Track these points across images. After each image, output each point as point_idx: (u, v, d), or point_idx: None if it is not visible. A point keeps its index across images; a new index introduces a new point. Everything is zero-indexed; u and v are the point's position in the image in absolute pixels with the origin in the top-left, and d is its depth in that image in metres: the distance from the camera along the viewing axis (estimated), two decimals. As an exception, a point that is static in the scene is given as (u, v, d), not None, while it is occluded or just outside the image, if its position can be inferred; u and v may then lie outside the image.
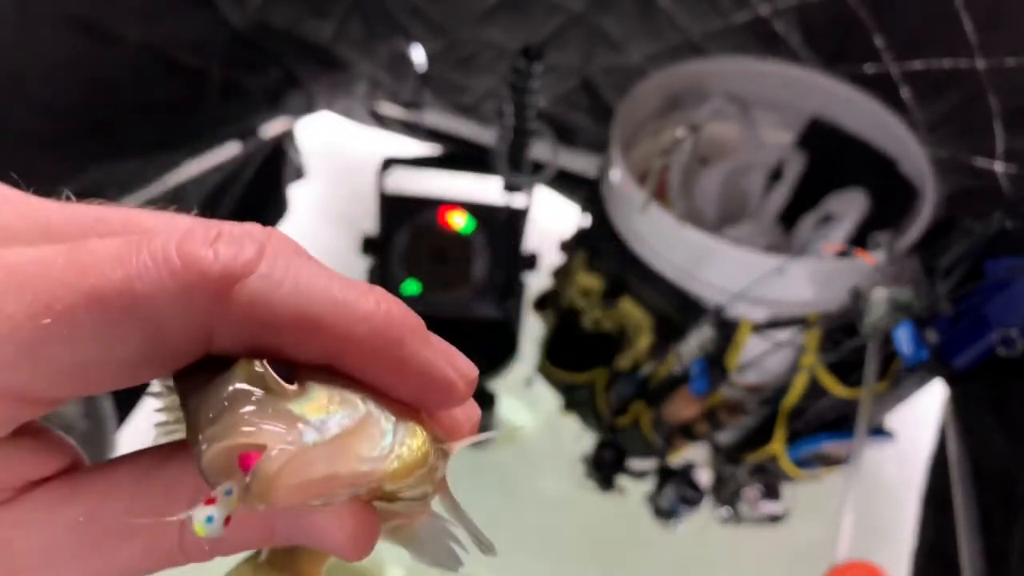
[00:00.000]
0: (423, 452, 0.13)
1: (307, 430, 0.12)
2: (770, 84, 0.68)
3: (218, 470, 0.12)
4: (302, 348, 0.13)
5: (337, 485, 0.12)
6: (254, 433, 0.12)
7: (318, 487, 0.12)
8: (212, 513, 0.11)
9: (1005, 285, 0.55)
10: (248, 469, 0.11)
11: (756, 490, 0.63)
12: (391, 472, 0.13)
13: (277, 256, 0.12)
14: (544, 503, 0.94)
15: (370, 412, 0.13)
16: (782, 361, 0.63)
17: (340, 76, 0.89)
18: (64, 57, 0.68)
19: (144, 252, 0.11)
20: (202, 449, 0.12)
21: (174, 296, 0.11)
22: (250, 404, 0.12)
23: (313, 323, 0.12)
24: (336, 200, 1.37)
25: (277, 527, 0.14)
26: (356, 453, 0.12)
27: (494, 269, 0.86)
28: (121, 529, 0.13)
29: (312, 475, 0.12)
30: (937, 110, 0.64)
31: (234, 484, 0.11)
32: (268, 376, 0.12)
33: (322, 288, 0.13)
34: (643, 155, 0.72)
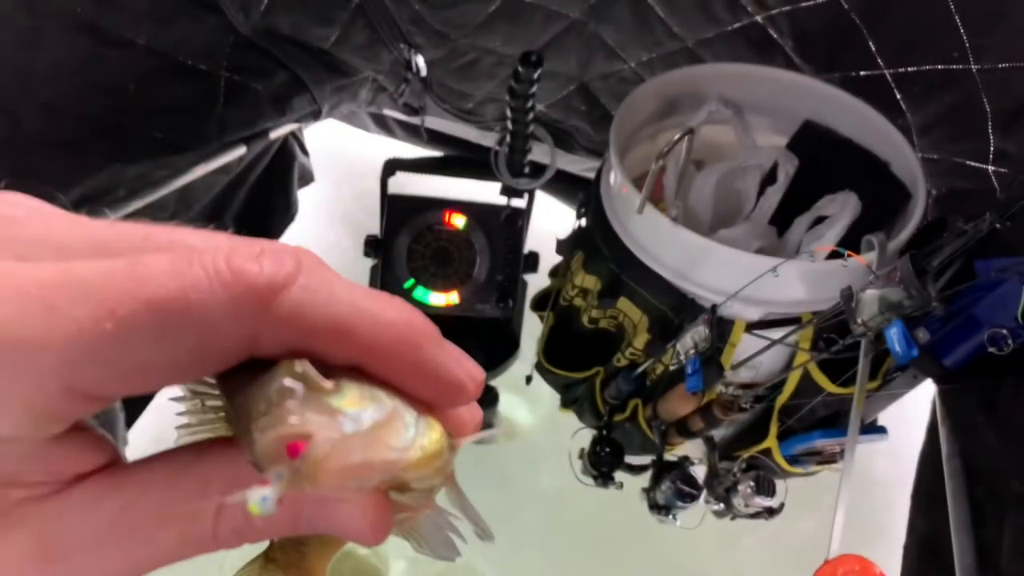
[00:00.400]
0: (440, 444, 0.15)
1: (346, 421, 0.14)
2: (764, 89, 0.69)
3: (269, 457, 0.13)
4: (334, 351, 0.15)
5: (371, 471, 0.14)
6: (302, 424, 0.13)
7: (355, 472, 0.14)
8: (267, 494, 0.13)
9: (995, 285, 0.56)
10: (295, 456, 0.13)
11: (750, 485, 0.64)
12: (414, 461, 0.15)
13: (313, 270, 0.14)
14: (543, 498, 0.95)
15: (396, 408, 0.15)
16: (776, 359, 0.64)
17: (344, 80, 0.90)
18: (72, 60, 0.69)
19: (196, 265, 0.13)
20: (255, 438, 0.13)
21: (224, 304, 0.13)
22: (295, 399, 0.14)
23: (345, 329, 0.14)
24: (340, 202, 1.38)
25: (304, 516, 0.15)
26: (386, 443, 0.14)
27: (494, 269, 0.87)
28: (160, 518, 0.15)
29: (351, 461, 0.14)
30: (929, 112, 0.65)
31: (285, 468, 0.13)
32: (309, 374, 0.14)
33: (352, 298, 0.15)
34: (640, 158, 0.73)
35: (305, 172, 1.16)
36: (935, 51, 0.61)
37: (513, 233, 0.87)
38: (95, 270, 0.13)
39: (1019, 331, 0.52)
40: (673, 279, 0.61)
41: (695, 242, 0.57)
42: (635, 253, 0.63)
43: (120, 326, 0.12)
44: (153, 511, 0.15)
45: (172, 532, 0.15)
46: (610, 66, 0.77)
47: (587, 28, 0.73)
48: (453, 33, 0.76)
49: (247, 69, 0.80)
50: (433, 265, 0.87)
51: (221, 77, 0.78)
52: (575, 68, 0.78)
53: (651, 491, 0.71)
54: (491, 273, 0.87)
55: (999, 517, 0.55)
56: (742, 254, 0.56)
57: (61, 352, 0.12)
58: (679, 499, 0.68)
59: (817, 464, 0.69)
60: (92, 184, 0.71)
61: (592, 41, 0.74)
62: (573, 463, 0.78)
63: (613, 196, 0.65)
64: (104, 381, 0.13)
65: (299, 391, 0.14)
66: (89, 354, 0.12)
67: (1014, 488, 0.54)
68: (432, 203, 0.86)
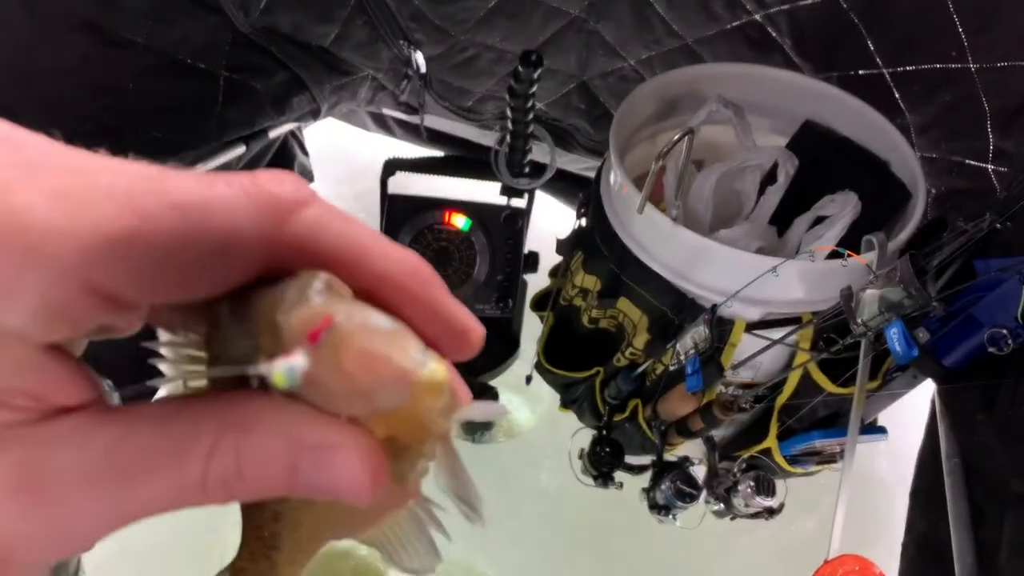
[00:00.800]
0: (446, 378, 0.15)
1: (370, 314, 0.14)
2: (764, 89, 0.69)
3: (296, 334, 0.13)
4: (346, 277, 0.15)
5: (387, 370, 0.14)
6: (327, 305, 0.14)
7: (375, 364, 0.14)
8: (294, 363, 0.13)
9: (995, 285, 0.56)
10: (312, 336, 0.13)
11: (750, 485, 0.64)
12: (424, 382, 0.15)
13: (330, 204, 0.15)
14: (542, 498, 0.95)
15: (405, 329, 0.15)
16: (776, 359, 0.64)
17: (344, 79, 0.90)
18: (72, 60, 0.69)
19: (221, 181, 0.14)
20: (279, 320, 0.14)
21: (247, 211, 0.14)
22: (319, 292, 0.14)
23: (358, 256, 0.15)
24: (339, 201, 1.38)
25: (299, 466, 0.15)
26: (403, 347, 0.15)
27: (494, 269, 0.87)
28: (148, 459, 0.14)
29: (374, 349, 0.14)
30: (929, 112, 0.65)
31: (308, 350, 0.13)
32: (332, 280, 0.14)
33: (366, 231, 0.15)
34: (640, 158, 0.73)
35: (305, 171, 1.16)
36: (934, 50, 0.61)
37: (513, 233, 0.87)
38: (120, 177, 0.13)
39: (1019, 331, 0.52)
40: (673, 279, 0.61)
41: (695, 242, 0.57)
42: (635, 253, 0.63)
43: (147, 223, 0.13)
44: (142, 451, 0.14)
45: (160, 477, 0.14)
46: (610, 64, 0.77)
47: (587, 25, 0.73)
48: (453, 29, 0.76)
49: (246, 68, 0.80)
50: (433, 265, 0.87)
51: (220, 76, 0.78)
52: (575, 66, 0.78)
53: (651, 491, 0.71)
54: (491, 273, 0.87)
55: (998, 516, 0.55)
56: (742, 254, 0.56)
57: (84, 243, 0.12)
58: (679, 499, 0.68)
59: (817, 464, 0.69)
60: (91, 184, 0.71)
61: (592, 38, 0.74)
62: (573, 463, 0.78)
63: (613, 196, 0.65)
64: (125, 281, 0.13)
65: (321, 287, 0.14)
66: (113, 249, 0.13)
67: (1013, 487, 0.55)
68: (432, 203, 0.86)
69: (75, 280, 0.13)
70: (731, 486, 0.66)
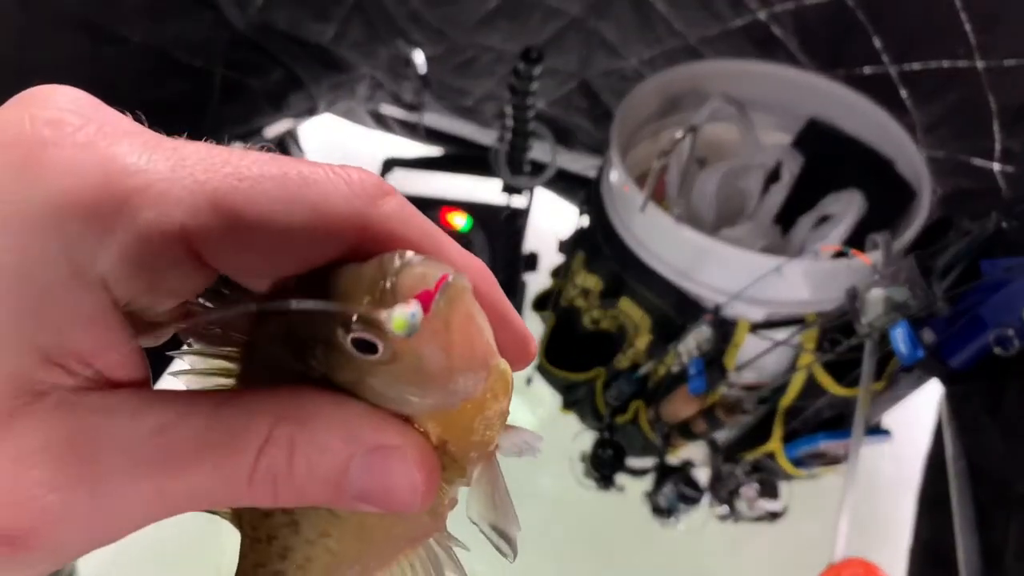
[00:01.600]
0: (511, 380, 0.15)
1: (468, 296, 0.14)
2: (768, 86, 0.69)
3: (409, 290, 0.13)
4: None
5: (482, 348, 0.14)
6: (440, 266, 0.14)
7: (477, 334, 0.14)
8: (414, 310, 0.13)
9: (1001, 285, 0.55)
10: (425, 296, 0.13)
11: (754, 488, 0.63)
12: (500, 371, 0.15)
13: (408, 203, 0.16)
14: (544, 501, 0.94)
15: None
16: (780, 361, 0.63)
17: (341, 77, 0.89)
18: (67, 57, 0.69)
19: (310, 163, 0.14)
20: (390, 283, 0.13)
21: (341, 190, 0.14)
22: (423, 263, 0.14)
23: (436, 246, 0.15)
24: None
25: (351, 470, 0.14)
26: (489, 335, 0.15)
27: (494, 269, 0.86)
28: (198, 446, 0.13)
29: (479, 317, 0.14)
30: (935, 111, 0.64)
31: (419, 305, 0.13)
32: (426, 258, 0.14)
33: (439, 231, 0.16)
34: (642, 156, 0.73)
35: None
36: (940, 48, 0.60)
37: (513, 233, 0.86)
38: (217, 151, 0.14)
39: (1026, 331, 0.51)
40: (675, 279, 0.61)
41: (698, 241, 0.56)
42: (637, 252, 0.62)
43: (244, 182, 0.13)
44: (192, 437, 0.13)
45: (209, 465, 0.13)
46: (611, 63, 0.76)
47: (587, 25, 0.72)
48: (452, 29, 0.75)
49: (243, 66, 0.80)
50: (432, 265, 0.87)
51: (217, 74, 0.78)
52: (576, 65, 0.77)
53: (654, 494, 0.71)
54: (490, 273, 0.86)
55: (1005, 519, 0.54)
56: (746, 253, 0.56)
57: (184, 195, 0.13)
58: (682, 502, 0.67)
59: (821, 466, 0.68)
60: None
61: (592, 38, 0.74)
62: (574, 465, 0.78)
63: (615, 195, 0.65)
64: (219, 239, 0.13)
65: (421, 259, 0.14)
66: (211, 204, 0.13)
67: (1020, 490, 0.54)
68: (431, 203, 0.86)
69: (172, 228, 0.13)
70: (734, 489, 0.65)
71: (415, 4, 0.74)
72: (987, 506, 0.57)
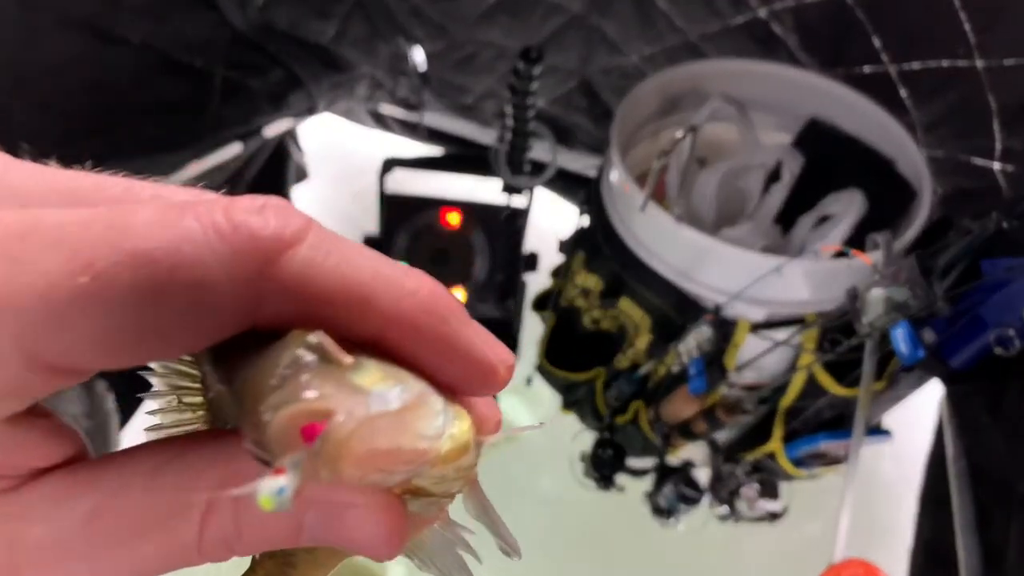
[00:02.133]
0: (469, 436, 0.13)
1: (372, 400, 0.12)
2: (768, 86, 0.69)
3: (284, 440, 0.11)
4: (348, 323, 0.12)
5: (397, 460, 0.12)
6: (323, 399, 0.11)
7: (382, 460, 0.12)
8: (283, 484, 0.10)
9: (1002, 285, 0.55)
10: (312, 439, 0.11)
11: (754, 488, 0.63)
12: (443, 454, 0.13)
13: (324, 230, 0.12)
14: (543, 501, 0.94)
15: (423, 391, 0.13)
16: (780, 361, 0.63)
17: (341, 77, 0.89)
18: (67, 57, 0.69)
19: (190, 216, 0.11)
20: (265, 419, 0.11)
21: (222, 259, 0.11)
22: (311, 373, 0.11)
23: (361, 296, 0.12)
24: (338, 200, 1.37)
25: (307, 524, 0.13)
26: (415, 429, 0.12)
27: (494, 269, 0.86)
28: (137, 523, 0.12)
29: (378, 446, 0.11)
30: (935, 110, 0.64)
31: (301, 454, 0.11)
32: (326, 345, 0.12)
33: (369, 262, 0.12)
34: (642, 156, 0.73)
35: (299, 169, 1.16)
36: (940, 47, 0.60)
37: (513, 233, 0.86)
38: (69, 218, 0.11)
39: (1027, 331, 0.51)
40: (676, 279, 0.61)
41: (698, 241, 0.56)
42: (637, 252, 0.62)
43: (98, 281, 0.10)
44: (129, 514, 0.12)
45: (151, 542, 0.12)
46: (611, 60, 0.76)
47: (588, 22, 0.72)
48: (452, 25, 0.75)
49: (243, 66, 0.80)
50: (432, 265, 0.86)
51: (217, 74, 0.78)
52: (576, 63, 0.77)
53: (654, 494, 0.71)
54: (491, 273, 0.86)
55: (1006, 519, 0.54)
56: (746, 253, 0.55)
57: (25, 312, 0.10)
58: (682, 502, 0.67)
59: (822, 466, 0.68)
60: (85, 182, 0.70)
61: (593, 35, 0.74)
62: (574, 466, 0.78)
63: (615, 194, 0.65)
64: (76, 349, 0.11)
65: (314, 364, 0.11)
66: (60, 315, 0.10)
67: (1020, 490, 0.54)
68: (431, 202, 0.86)
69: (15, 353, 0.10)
70: (735, 489, 0.65)
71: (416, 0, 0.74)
72: (988, 506, 0.57)
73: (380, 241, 0.86)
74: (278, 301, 0.12)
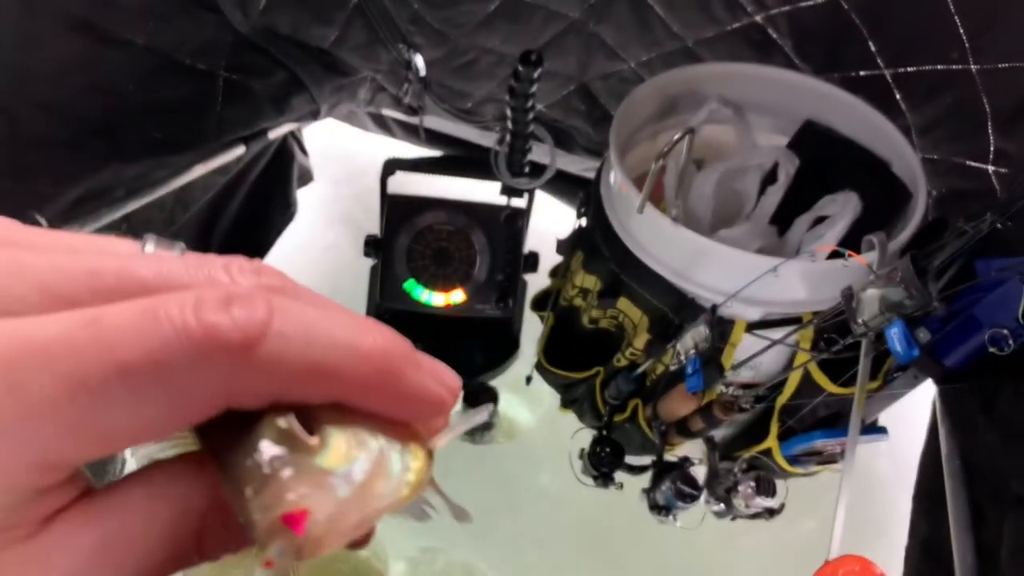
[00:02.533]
0: (425, 470, 0.15)
1: (339, 484, 0.14)
2: (764, 88, 0.69)
3: (271, 535, 0.13)
4: (314, 395, 0.14)
5: (366, 525, 0.14)
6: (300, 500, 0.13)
7: (353, 532, 0.14)
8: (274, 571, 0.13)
9: (996, 285, 0.56)
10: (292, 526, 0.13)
11: (751, 486, 0.64)
12: (404, 497, 0.15)
13: (286, 310, 0.13)
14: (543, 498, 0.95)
15: (382, 449, 0.15)
16: (776, 359, 0.64)
17: (343, 81, 0.90)
18: (70, 60, 0.69)
19: (164, 322, 0.12)
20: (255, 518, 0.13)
21: (197, 363, 0.12)
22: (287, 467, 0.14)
23: (323, 372, 0.14)
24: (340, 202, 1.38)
25: None
26: (377, 493, 0.14)
27: (494, 269, 0.87)
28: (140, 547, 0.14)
29: (349, 524, 0.14)
30: (930, 113, 0.65)
31: (285, 544, 0.13)
32: (294, 432, 0.14)
33: (329, 334, 0.14)
34: (640, 158, 0.73)
35: (304, 172, 1.16)
36: (935, 51, 0.61)
37: (513, 233, 0.87)
38: (54, 334, 0.12)
39: (1020, 331, 0.52)
40: (673, 279, 0.61)
41: (695, 242, 0.57)
42: (635, 253, 0.63)
43: (92, 396, 0.12)
44: (133, 541, 0.14)
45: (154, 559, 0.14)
46: (610, 66, 0.76)
47: (587, 28, 0.73)
48: (452, 32, 0.76)
49: (246, 69, 0.80)
50: (433, 265, 0.87)
51: (220, 77, 0.78)
52: (575, 68, 0.78)
53: (651, 491, 0.71)
54: (491, 273, 0.87)
55: (999, 518, 0.54)
56: (742, 254, 0.56)
57: (30, 430, 0.12)
58: (679, 499, 0.68)
59: (818, 464, 0.69)
60: (90, 184, 0.71)
61: (592, 41, 0.74)
62: (573, 463, 0.78)
63: (613, 196, 0.65)
64: (76, 450, 0.12)
65: (285, 456, 0.14)
66: (60, 428, 0.12)
67: (1014, 489, 0.54)
68: (432, 203, 0.86)
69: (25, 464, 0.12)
70: (731, 486, 0.66)
71: (416, 7, 0.74)
72: (982, 504, 0.57)
73: (382, 241, 0.87)
74: (251, 388, 0.13)
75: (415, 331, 0.97)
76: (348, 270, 1.34)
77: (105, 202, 0.73)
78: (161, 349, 0.12)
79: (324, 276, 1.26)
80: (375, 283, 0.88)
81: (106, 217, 0.73)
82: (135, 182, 0.75)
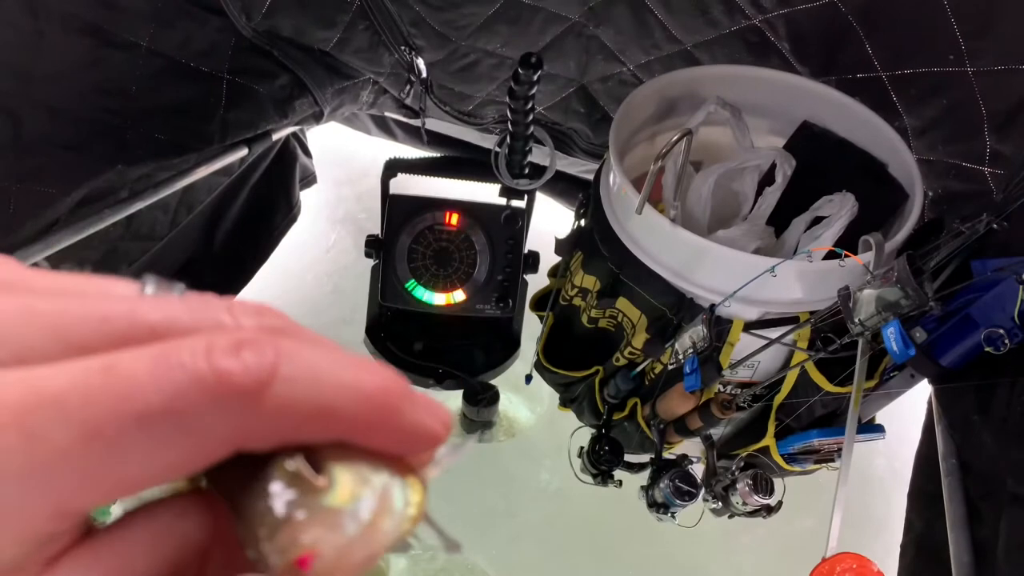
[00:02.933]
0: (423, 502, 0.16)
1: (347, 523, 0.14)
2: (762, 90, 0.70)
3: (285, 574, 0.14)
4: (319, 434, 0.15)
5: (373, 560, 0.15)
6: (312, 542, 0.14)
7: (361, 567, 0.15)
8: None
9: (992, 285, 0.56)
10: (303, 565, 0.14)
11: (748, 484, 0.64)
12: (405, 531, 0.16)
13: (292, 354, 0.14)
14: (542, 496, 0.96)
15: (384, 485, 0.15)
16: (774, 359, 0.64)
17: (346, 83, 0.90)
18: (76, 62, 0.70)
19: (177, 370, 0.12)
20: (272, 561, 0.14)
21: (211, 409, 0.13)
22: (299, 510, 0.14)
23: (328, 413, 0.14)
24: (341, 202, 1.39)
25: None
26: (382, 530, 0.15)
27: (494, 269, 0.88)
28: None
29: (357, 560, 0.14)
30: (926, 115, 0.65)
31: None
32: (303, 474, 0.14)
33: (330, 374, 0.14)
34: (639, 160, 0.74)
35: (307, 173, 1.17)
36: (931, 54, 0.61)
37: (513, 233, 0.87)
38: (69, 383, 0.12)
39: (1015, 331, 0.53)
40: (672, 279, 0.62)
41: (694, 242, 0.57)
42: (634, 253, 0.63)
43: (108, 444, 0.12)
44: None
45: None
46: (609, 68, 0.77)
47: (586, 31, 0.73)
48: (453, 35, 0.76)
49: (249, 71, 0.81)
50: (434, 265, 0.88)
51: (223, 79, 0.79)
52: (574, 70, 0.79)
53: (650, 489, 0.72)
54: (491, 273, 0.88)
55: (995, 515, 0.55)
56: (740, 254, 0.57)
57: (46, 480, 0.12)
58: (678, 497, 0.68)
59: (815, 462, 0.69)
60: (95, 185, 0.72)
61: (591, 44, 0.75)
62: (572, 461, 0.79)
63: (612, 197, 0.66)
64: (91, 498, 0.13)
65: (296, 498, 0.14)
66: (75, 477, 0.12)
67: (1009, 487, 0.55)
68: (432, 203, 0.87)
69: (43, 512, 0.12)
70: (729, 484, 0.66)
71: (417, 9, 0.75)
72: (977, 503, 0.58)
73: (383, 242, 0.88)
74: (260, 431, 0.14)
75: (416, 330, 0.97)
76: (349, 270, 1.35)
77: (109, 204, 0.73)
78: (176, 397, 0.12)
79: (326, 276, 1.27)
80: (376, 283, 0.89)
81: (109, 218, 0.73)
82: (139, 183, 0.76)
